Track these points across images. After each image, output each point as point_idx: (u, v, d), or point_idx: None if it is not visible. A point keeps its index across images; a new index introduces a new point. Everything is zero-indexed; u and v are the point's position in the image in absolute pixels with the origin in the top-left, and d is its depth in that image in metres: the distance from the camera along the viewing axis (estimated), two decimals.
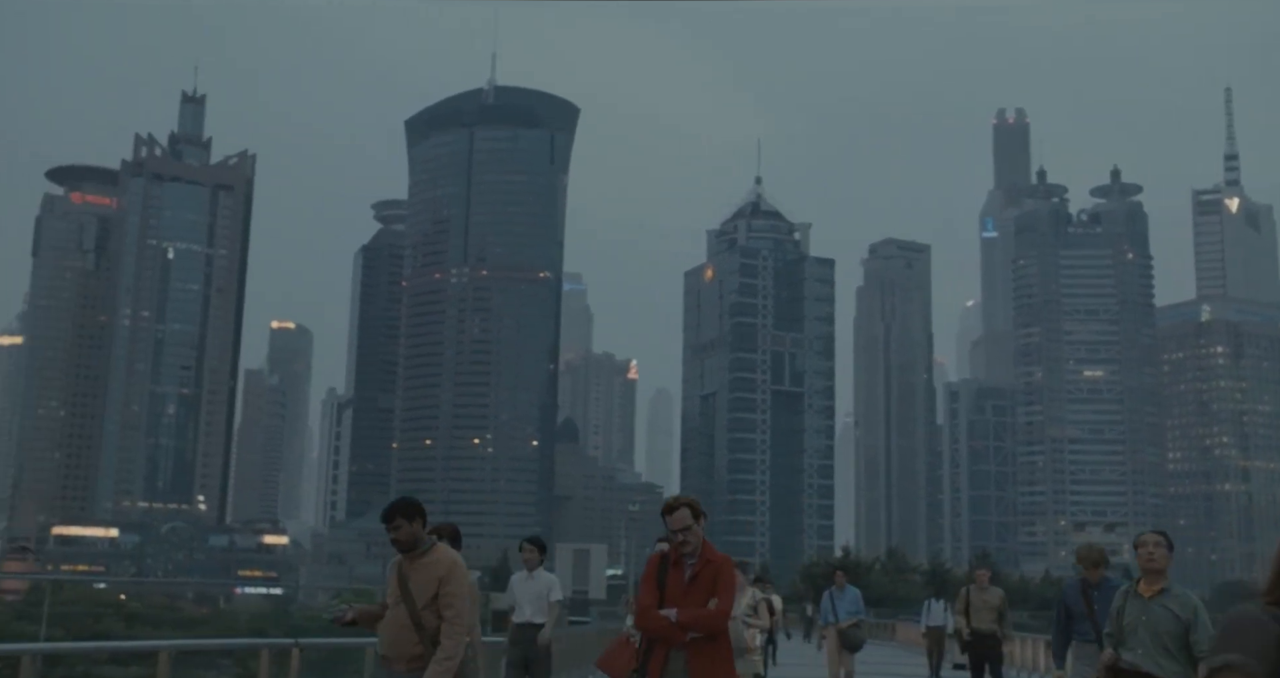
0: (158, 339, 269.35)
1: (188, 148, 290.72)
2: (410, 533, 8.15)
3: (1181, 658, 8.78)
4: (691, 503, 7.99)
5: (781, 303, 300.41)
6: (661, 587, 7.89)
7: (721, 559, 7.89)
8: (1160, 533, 9.32)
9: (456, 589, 8.03)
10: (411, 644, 7.98)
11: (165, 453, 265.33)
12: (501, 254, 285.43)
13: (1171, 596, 8.94)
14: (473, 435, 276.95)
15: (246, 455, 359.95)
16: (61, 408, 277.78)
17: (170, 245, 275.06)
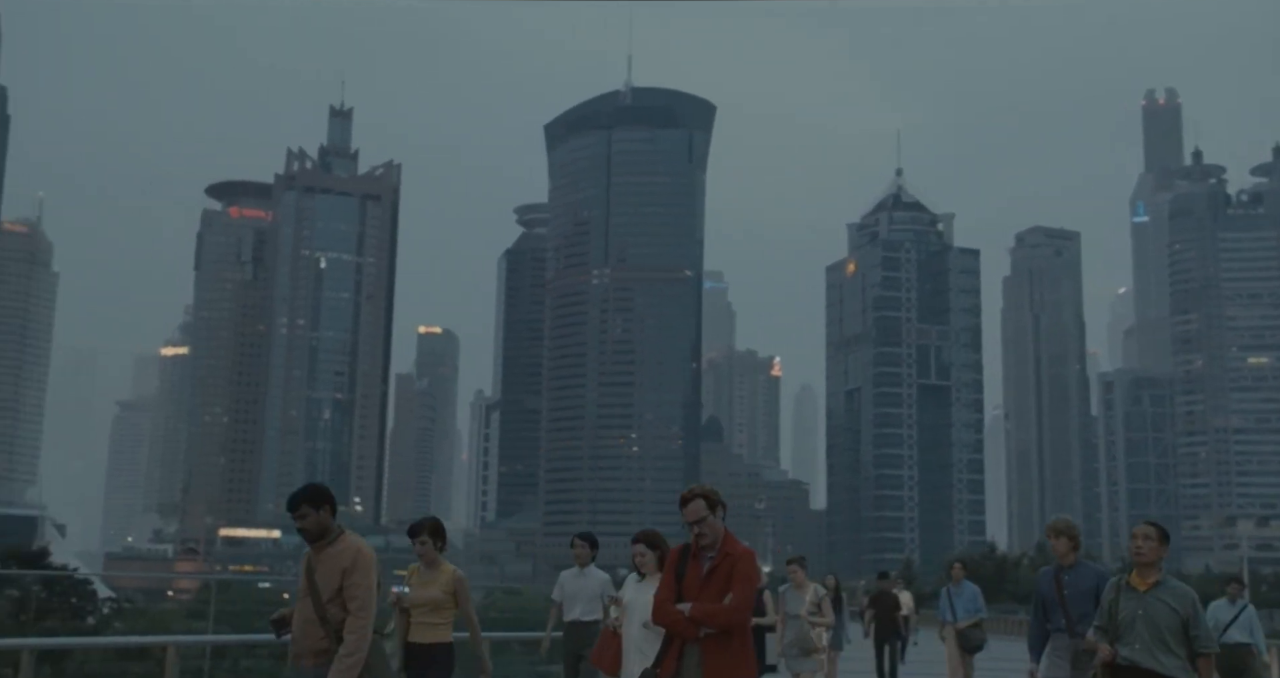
0: (312, 346, 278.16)
1: (337, 160, 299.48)
2: (317, 522, 7.79)
3: (1181, 653, 8.53)
4: (707, 494, 7.68)
5: (925, 295, 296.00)
6: (680, 580, 7.63)
7: (741, 552, 7.58)
8: (1153, 524, 8.98)
9: (361, 580, 7.66)
10: (317, 638, 7.68)
11: (322, 456, 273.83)
12: (642, 254, 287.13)
13: (1167, 589, 8.67)
14: (618, 435, 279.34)
15: (399, 458, 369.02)
16: (225, 414, 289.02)
17: (322, 255, 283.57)
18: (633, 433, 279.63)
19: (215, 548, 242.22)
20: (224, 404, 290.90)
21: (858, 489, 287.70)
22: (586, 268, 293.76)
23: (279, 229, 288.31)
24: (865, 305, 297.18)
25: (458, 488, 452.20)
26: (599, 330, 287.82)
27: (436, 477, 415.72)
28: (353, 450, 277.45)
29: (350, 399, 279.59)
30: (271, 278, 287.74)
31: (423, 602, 9.49)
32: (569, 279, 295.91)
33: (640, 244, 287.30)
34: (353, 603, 7.62)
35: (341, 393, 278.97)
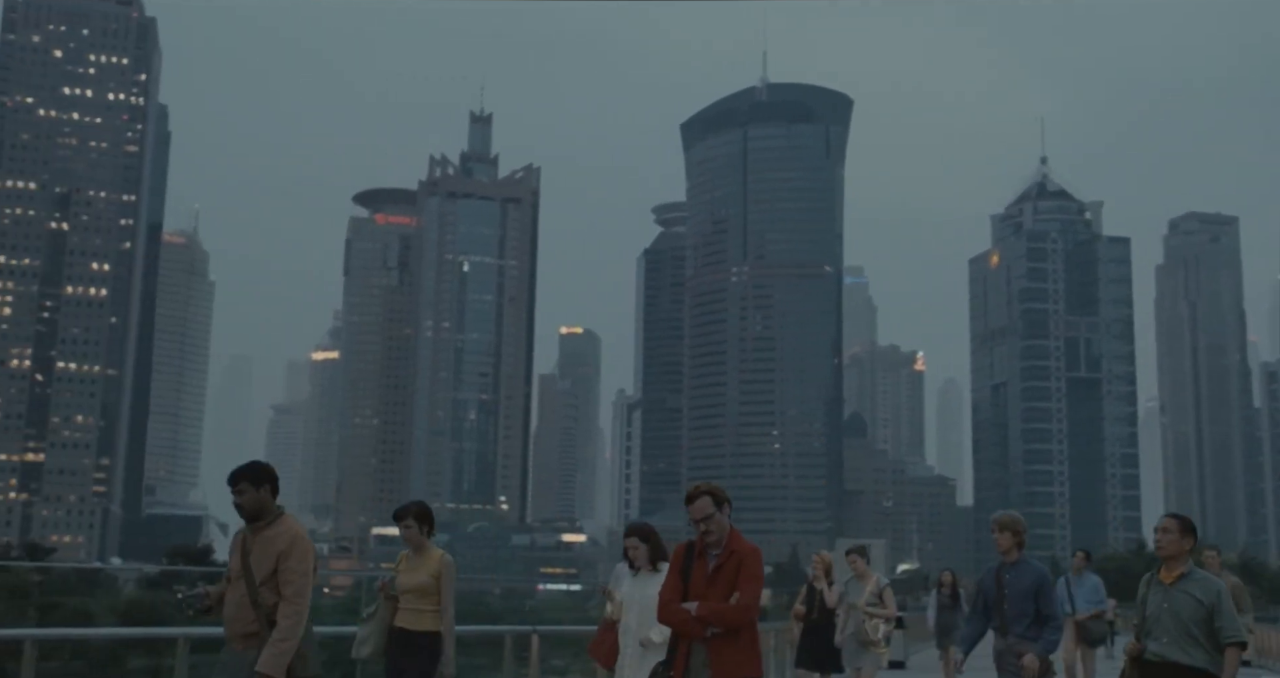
0: (457, 348, 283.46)
1: (478, 165, 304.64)
2: (255, 500, 7.55)
3: (1209, 645, 8.34)
4: (713, 491, 7.54)
5: (1074, 286, 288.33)
6: (686, 578, 7.46)
7: (747, 550, 7.41)
8: (1174, 517, 8.82)
9: (297, 565, 7.41)
10: (247, 622, 7.45)
11: (468, 456, 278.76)
12: (781, 250, 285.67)
13: (1193, 580, 8.46)
14: (760, 432, 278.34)
15: (543, 457, 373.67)
16: (375, 417, 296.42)
17: (465, 259, 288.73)
18: (774, 430, 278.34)
19: (368, 546, 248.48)
20: (373, 407, 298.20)
21: (1006, 485, 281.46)
22: (725, 266, 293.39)
23: (423, 234, 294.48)
24: (1010, 298, 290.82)
25: (601, 487, 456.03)
26: (739, 328, 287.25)
27: (580, 475, 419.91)
28: (498, 450, 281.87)
29: (495, 400, 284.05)
30: (417, 282, 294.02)
31: (410, 588, 9.32)
32: (708, 277, 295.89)
33: (779, 240, 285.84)
34: (287, 588, 7.39)
35: (486, 394, 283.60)
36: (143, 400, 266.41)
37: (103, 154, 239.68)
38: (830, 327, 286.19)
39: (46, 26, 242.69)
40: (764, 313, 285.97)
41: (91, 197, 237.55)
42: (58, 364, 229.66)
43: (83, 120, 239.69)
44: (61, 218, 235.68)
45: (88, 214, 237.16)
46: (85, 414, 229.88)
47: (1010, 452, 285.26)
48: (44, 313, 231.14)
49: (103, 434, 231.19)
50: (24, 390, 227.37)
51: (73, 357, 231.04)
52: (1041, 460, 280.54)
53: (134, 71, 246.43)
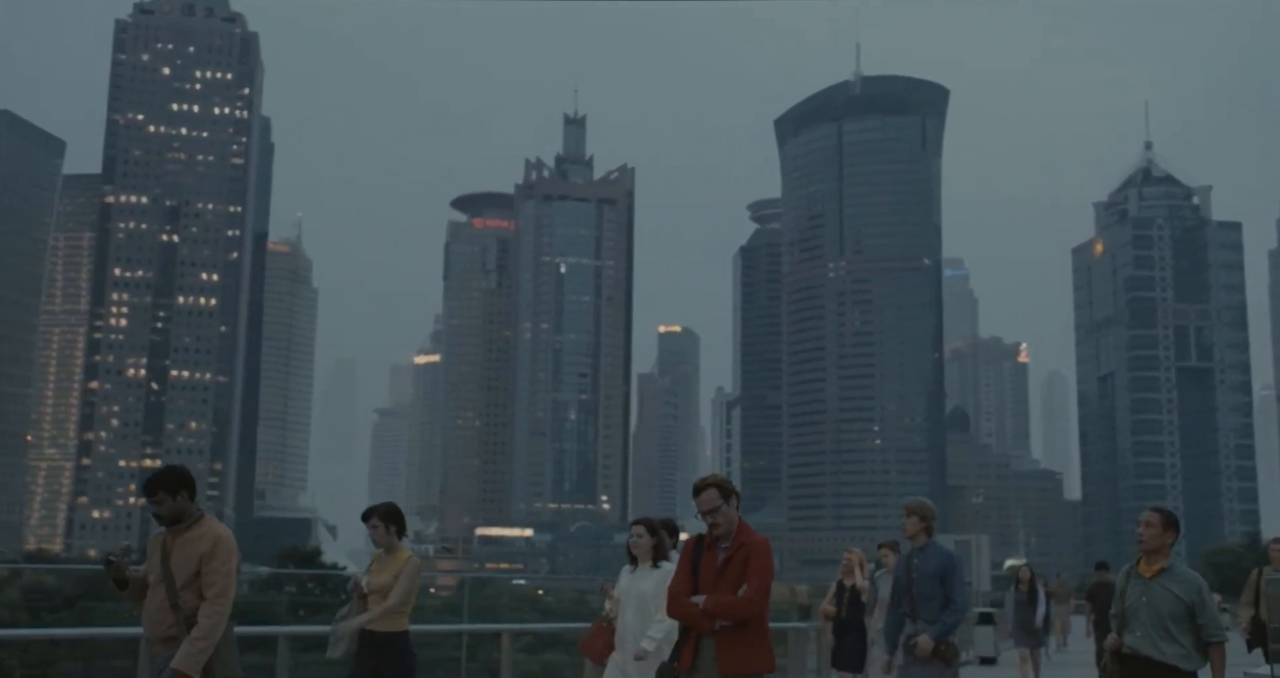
0: (556, 349, 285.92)
1: (572, 167, 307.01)
2: (173, 508, 7.55)
3: (1185, 641, 8.30)
4: (720, 483, 7.51)
5: (1182, 273, 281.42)
6: (696, 572, 7.42)
7: (755, 542, 7.38)
8: (1157, 510, 8.65)
9: (220, 567, 7.40)
10: (166, 626, 7.41)
11: (569, 456, 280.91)
12: (878, 245, 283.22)
13: (1173, 576, 8.40)
14: (860, 428, 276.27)
15: (644, 456, 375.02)
16: (476, 418, 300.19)
17: (562, 261, 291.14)
18: (875, 426, 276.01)
19: (472, 547, 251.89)
20: (475, 408, 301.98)
21: (1115, 479, 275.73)
22: (822, 261, 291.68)
23: (521, 237, 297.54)
24: (1116, 287, 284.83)
25: None
26: (837, 323, 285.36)
27: (681, 474, 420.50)
28: (598, 450, 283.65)
29: (594, 400, 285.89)
30: (515, 285, 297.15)
31: (376, 588, 9.23)
32: (805, 273, 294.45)
33: (876, 235, 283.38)
34: (209, 589, 7.35)
35: (586, 394, 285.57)
36: (252, 406, 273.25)
37: (210, 167, 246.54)
38: (930, 320, 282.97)
39: (155, 46, 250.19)
40: (862, 308, 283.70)
41: (200, 208, 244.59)
42: (171, 373, 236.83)
43: (190, 135, 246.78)
44: (172, 230, 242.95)
45: (197, 226, 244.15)
46: (198, 421, 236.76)
47: (1119, 444, 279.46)
48: (157, 323, 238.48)
49: (215, 440, 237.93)
50: (140, 399, 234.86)
51: (185, 365, 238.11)
52: (1152, 453, 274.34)
53: (238, 86, 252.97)
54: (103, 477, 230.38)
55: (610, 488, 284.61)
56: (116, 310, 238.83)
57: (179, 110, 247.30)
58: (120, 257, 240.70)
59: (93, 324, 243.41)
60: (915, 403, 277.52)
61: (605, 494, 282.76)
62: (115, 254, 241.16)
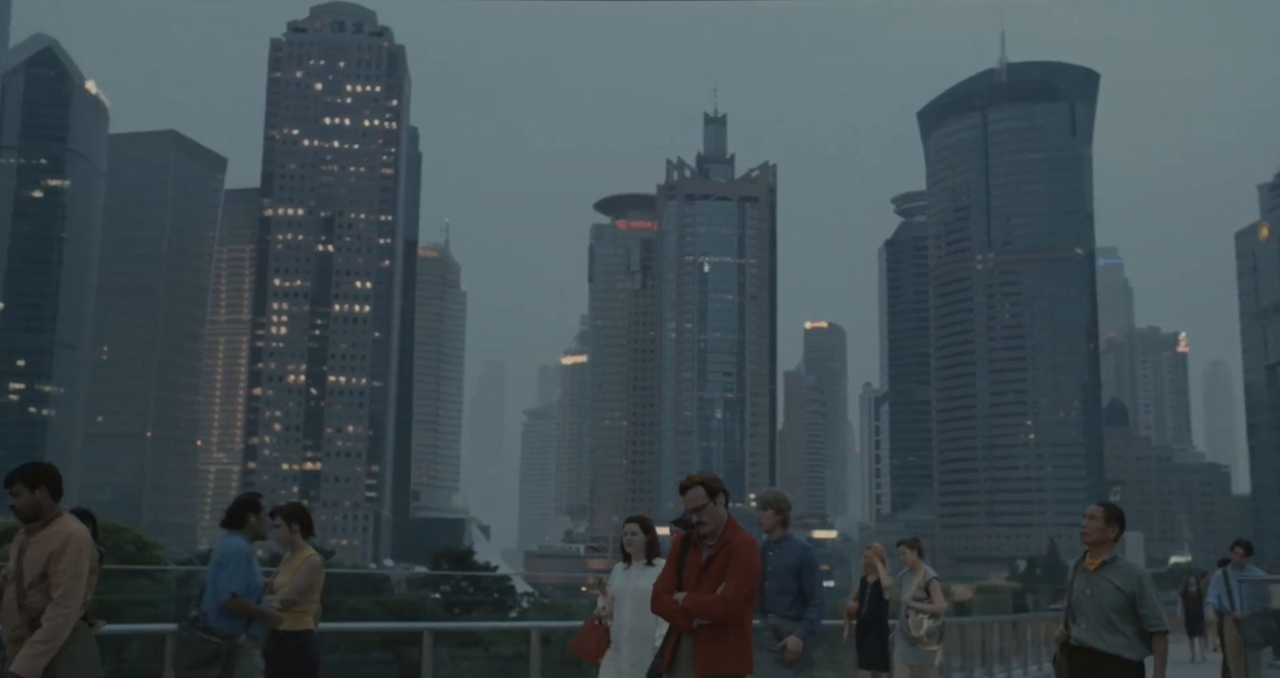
0: (701, 348, 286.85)
1: (714, 166, 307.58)
2: (31, 502, 7.35)
3: (1128, 631, 8.46)
4: (707, 481, 7.43)
5: None
6: (681, 569, 7.39)
7: (741, 540, 7.31)
8: (1104, 505, 8.87)
9: (69, 567, 7.11)
10: (14, 626, 7.20)
11: (716, 455, 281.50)
12: (1027, 235, 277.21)
13: (1115, 568, 8.59)
14: (1013, 423, 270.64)
15: (791, 454, 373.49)
16: (624, 418, 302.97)
17: (706, 260, 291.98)
18: (1028, 420, 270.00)
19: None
20: (622, 408, 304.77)
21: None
22: (970, 253, 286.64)
23: (664, 237, 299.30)
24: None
25: (851, 482, 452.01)
26: (986, 316, 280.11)
27: (830, 471, 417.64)
28: (745, 448, 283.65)
29: (740, 398, 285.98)
30: (659, 285, 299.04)
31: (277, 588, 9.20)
32: (952, 266, 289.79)
33: (1025, 225, 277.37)
34: (56, 590, 7.12)
35: (731, 392, 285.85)
36: (406, 409, 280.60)
37: (361, 178, 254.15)
38: (1084, 311, 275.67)
39: (307, 62, 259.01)
40: (1012, 300, 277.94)
41: (353, 219, 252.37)
42: (329, 378, 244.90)
43: (342, 147, 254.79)
44: (327, 240, 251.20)
45: (350, 235, 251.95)
46: (355, 424, 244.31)
47: None
48: (315, 331, 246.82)
49: (371, 443, 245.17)
50: (300, 404, 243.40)
51: (342, 371, 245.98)
52: None
53: (386, 98, 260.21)
54: (267, 480, 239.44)
55: (758, 486, 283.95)
56: (277, 319, 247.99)
57: (331, 124, 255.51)
58: (279, 267, 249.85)
59: (255, 333, 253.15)
60: (1070, 396, 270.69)
61: (753, 493, 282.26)
62: (275, 265, 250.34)
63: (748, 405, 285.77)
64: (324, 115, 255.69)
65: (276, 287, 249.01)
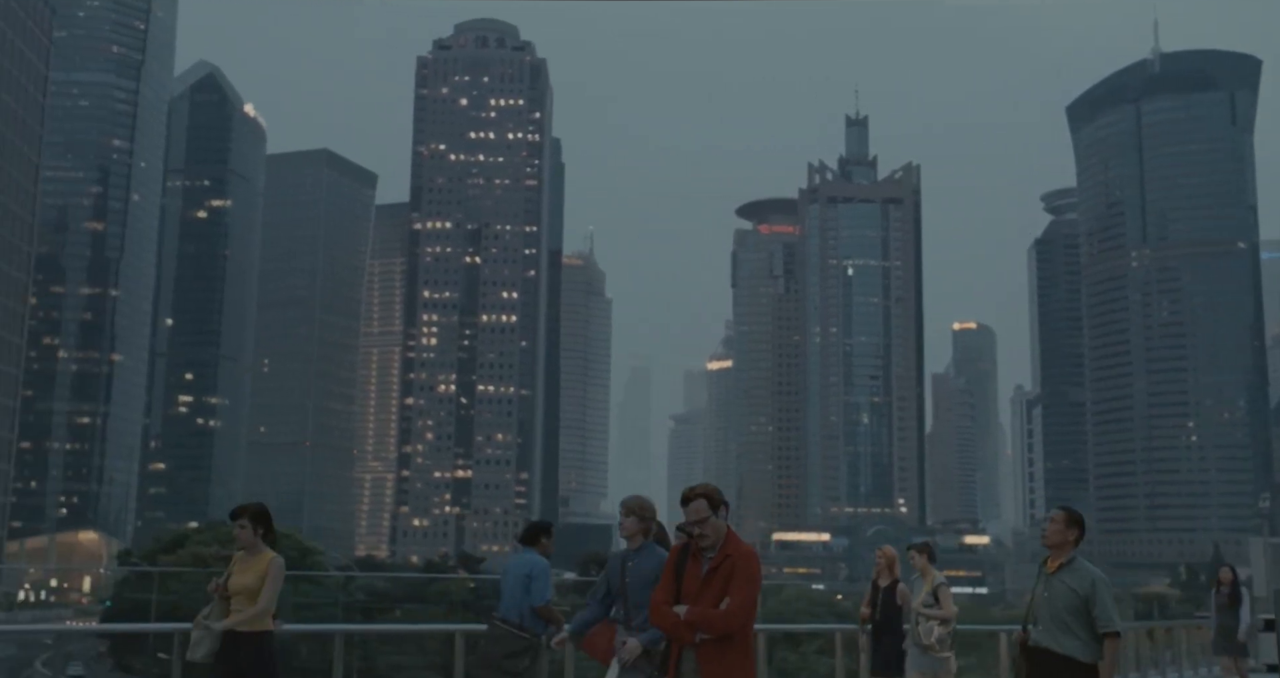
0: (846, 352, 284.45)
1: (856, 169, 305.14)
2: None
3: (1082, 634, 8.53)
4: (709, 493, 7.33)
5: None
6: (680, 580, 7.27)
7: (742, 552, 7.21)
8: (1064, 508, 8.98)
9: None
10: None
11: (863, 460, 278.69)
12: (1185, 230, 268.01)
13: (1071, 570, 8.68)
14: (1173, 424, 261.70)
15: (941, 457, 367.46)
16: (769, 423, 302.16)
17: (849, 263, 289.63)
18: (1190, 422, 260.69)
19: (769, 551, 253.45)
20: (768, 413, 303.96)
21: None
22: (1124, 250, 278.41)
23: (806, 241, 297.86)
24: None
25: (1004, 485, 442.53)
26: (1142, 315, 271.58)
27: (981, 475, 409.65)
28: (893, 452, 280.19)
29: (887, 402, 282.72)
30: (803, 289, 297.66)
31: (238, 590, 9.31)
32: (1106, 263, 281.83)
33: (1182, 219, 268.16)
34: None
35: (878, 396, 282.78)
36: (553, 417, 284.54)
37: (506, 190, 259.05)
38: (1248, 307, 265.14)
39: (452, 78, 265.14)
40: (1170, 297, 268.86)
41: (499, 230, 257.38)
42: (478, 387, 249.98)
43: (488, 161, 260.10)
44: (474, 252, 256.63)
45: (496, 247, 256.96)
46: (504, 432, 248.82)
47: None
48: (464, 341, 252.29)
49: (520, 450, 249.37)
50: (451, 413, 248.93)
51: (490, 380, 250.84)
52: None
53: (529, 111, 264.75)
54: (420, 487, 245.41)
55: (907, 491, 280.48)
56: (427, 330, 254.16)
57: (476, 138, 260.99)
58: (429, 279, 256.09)
59: (406, 344, 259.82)
60: (1235, 396, 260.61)
61: (902, 497, 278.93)
62: (424, 277, 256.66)
63: (895, 409, 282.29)
64: (469, 130, 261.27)
65: (426, 298, 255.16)
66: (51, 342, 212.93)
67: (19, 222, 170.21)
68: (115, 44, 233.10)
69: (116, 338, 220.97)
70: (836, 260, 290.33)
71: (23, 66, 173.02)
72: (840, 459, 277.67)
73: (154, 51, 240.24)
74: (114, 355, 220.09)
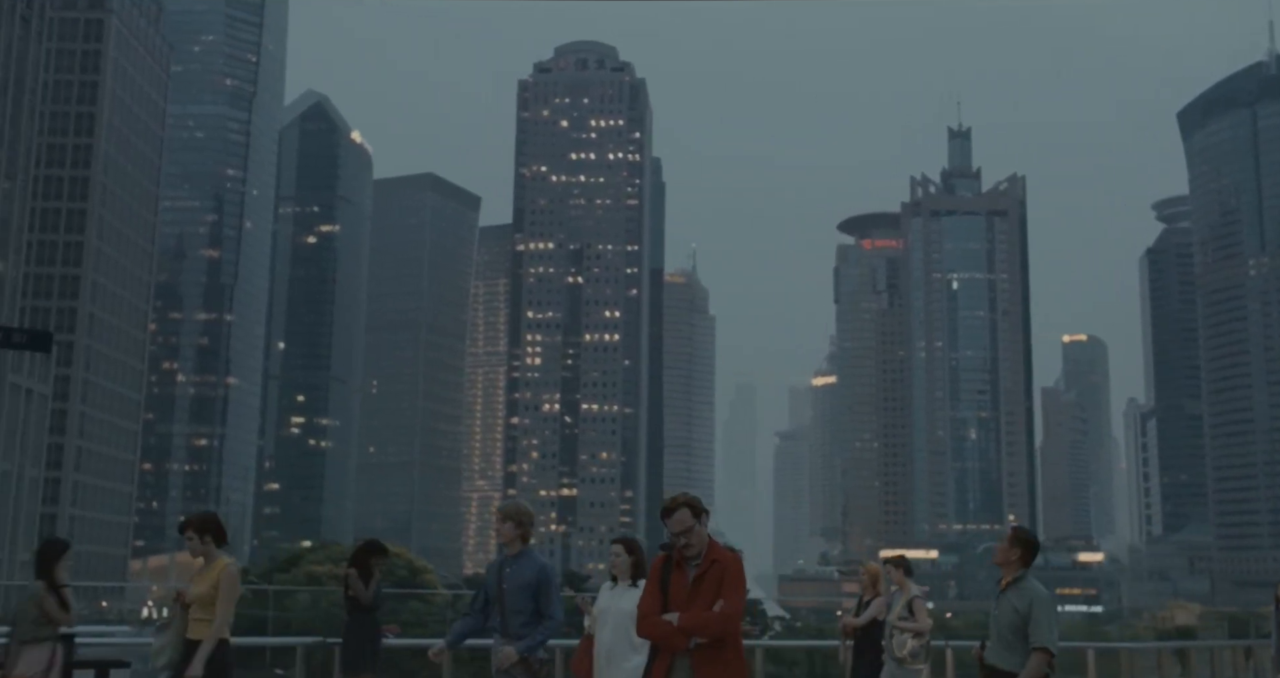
0: (952, 367, 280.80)
1: (959, 181, 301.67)
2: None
3: (1022, 649, 8.70)
4: (691, 503, 7.37)
5: None
6: (665, 590, 7.25)
7: (728, 558, 7.25)
8: (1015, 529, 9.26)
9: None
10: None
11: (971, 475, 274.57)
12: None
13: (1016, 588, 8.91)
14: None
15: (1052, 473, 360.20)
16: (875, 439, 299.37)
17: (954, 277, 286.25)
18: None
19: None
20: (873, 429, 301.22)
21: None
22: (1241, 258, 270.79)
23: (909, 256, 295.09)
24: None
25: (1119, 500, 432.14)
26: (1262, 324, 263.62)
27: (1095, 489, 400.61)
28: (1002, 468, 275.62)
29: (995, 416, 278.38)
30: (907, 304, 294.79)
31: (195, 598, 9.38)
32: (1221, 273, 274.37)
33: None
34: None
35: (985, 411, 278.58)
36: (657, 435, 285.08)
37: (608, 210, 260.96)
38: None
39: (553, 100, 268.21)
40: None
41: (601, 250, 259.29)
42: (582, 406, 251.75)
43: (589, 182, 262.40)
44: (577, 272, 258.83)
45: (598, 266, 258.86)
46: (609, 451, 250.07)
47: None
48: (568, 360, 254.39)
49: (625, 469, 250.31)
50: (556, 432, 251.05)
51: (594, 399, 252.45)
52: None
53: (629, 131, 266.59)
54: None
55: (1017, 507, 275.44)
56: (531, 350, 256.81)
57: (577, 159, 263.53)
58: (532, 300, 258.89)
59: (511, 363, 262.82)
60: None
61: (1013, 513, 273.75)
62: (528, 297, 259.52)
63: (1003, 424, 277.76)
64: (570, 151, 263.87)
65: (530, 319, 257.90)
66: (171, 366, 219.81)
67: (140, 251, 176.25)
68: (229, 77, 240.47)
69: (231, 362, 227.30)
70: (941, 274, 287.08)
71: (143, 102, 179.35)
72: (948, 475, 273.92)
73: (265, 83, 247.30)
74: (229, 379, 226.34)
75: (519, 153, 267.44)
